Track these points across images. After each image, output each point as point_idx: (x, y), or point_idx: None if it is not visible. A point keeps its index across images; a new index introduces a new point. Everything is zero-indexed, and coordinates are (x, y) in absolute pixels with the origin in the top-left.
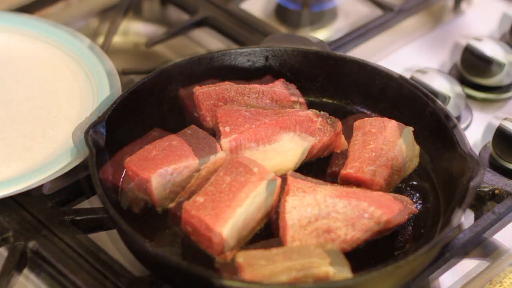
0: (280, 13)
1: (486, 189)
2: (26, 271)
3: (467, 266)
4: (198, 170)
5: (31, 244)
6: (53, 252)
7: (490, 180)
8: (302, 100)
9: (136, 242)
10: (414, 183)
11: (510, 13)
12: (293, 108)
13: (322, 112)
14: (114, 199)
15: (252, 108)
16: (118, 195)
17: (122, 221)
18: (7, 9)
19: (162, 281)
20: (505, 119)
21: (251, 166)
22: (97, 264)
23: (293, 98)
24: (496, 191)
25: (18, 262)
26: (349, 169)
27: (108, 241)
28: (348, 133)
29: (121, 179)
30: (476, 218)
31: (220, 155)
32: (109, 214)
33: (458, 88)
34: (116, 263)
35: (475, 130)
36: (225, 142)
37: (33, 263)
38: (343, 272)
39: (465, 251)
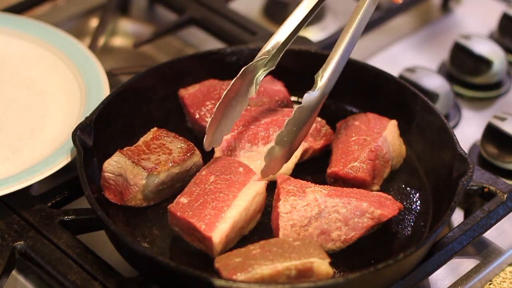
0: (268, 11)
1: (475, 187)
2: (14, 272)
3: (457, 264)
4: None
5: (19, 245)
6: (42, 253)
7: (479, 178)
8: (288, 97)
9: (124, 243)
10: (403, 182)
11: (498, 11)
12: (280, 103)
13: (319, 119)
14: (102, 199)
15: (250, 107)
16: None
17: (110, 222)
18: None
19: (151, 282)
20: (495, 117)
21: (236, 166)
22: (86, 265)
23: (280, 95)
24: (485, 189)
25: (6, 264)
26: (333, 168)
27: (96, 242)
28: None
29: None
30: (465, 217)
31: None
32: (97, 215)
33: (447, 86)
34: (105, 264)
35: (464, 128)
36: None
37: (21, 264)
38: (323, 265)
39: (455, 250)
